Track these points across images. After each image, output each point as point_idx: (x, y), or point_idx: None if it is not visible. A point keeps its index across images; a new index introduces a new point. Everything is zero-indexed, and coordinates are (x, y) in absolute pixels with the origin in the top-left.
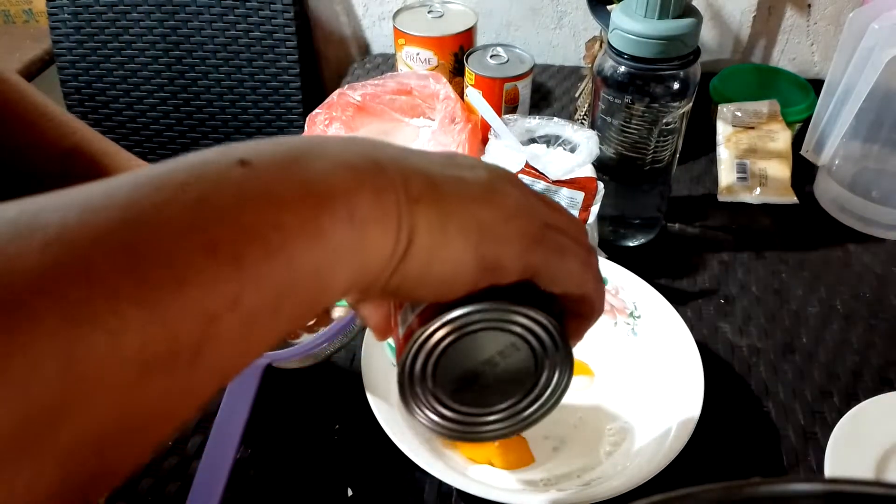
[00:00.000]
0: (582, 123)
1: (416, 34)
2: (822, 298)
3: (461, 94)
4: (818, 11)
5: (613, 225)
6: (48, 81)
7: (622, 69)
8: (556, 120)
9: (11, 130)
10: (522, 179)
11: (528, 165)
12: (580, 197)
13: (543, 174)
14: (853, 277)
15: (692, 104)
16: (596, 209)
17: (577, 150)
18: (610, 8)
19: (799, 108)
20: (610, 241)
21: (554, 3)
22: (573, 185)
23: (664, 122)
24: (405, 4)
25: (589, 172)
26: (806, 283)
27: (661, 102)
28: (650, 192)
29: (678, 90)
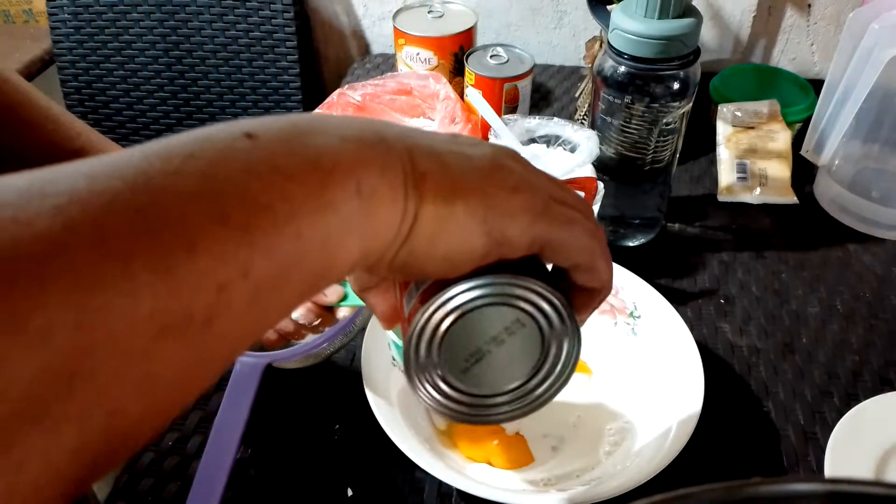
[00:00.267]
0: (582, 123)
1: (416, 34)
2: (822, 298)
3: (461, 94)
4: (818, 11)
5: (613, 225)
6: (48, 81)
7: (622, 69)
8: (556, 120)
9: (16, 133)
10: None
11: None
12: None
13: None
14: (853, 277)
15: (692, 104)
16: (596, 209)
17: (577, 150)
18: (610, 8)
19: (799, 108)
20: (610, 241)
21: (554, 3)
22: (573, 185)
23: (664, 122)
24: (405, 4)
25: (589, 172)
26: (806, 283)
27: (661, 102)
28: (650, 192)
29: (678, 90)
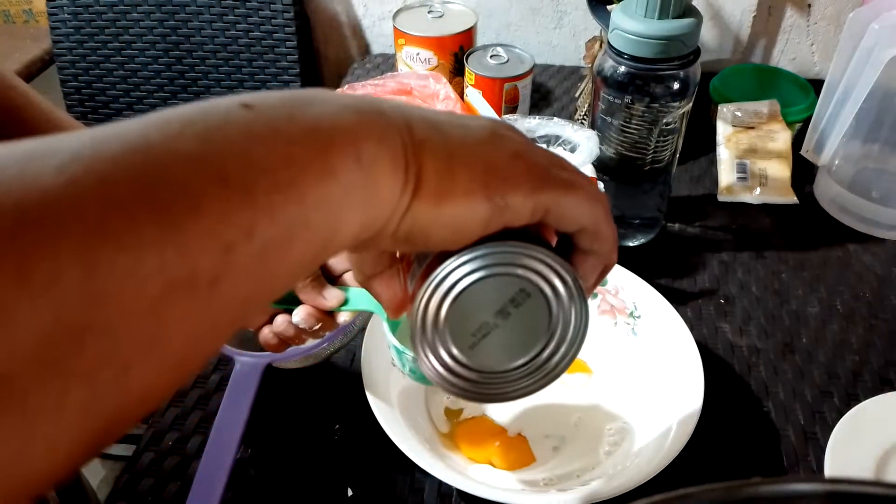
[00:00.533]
0: (582, 123)
1: (416, 34)
2: (822, 298)
3: (461, 94)
4: (818, 11)
5: None
6: (48, 81)
7: (622, 69)
8: (556, 120)
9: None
10: None
11: None
12: None
13: None
14: (853, 277)
15: (692, 104)
16: None
17: (577, 150)
18: (610, 8)
19: (799, 108)
20: None
21: (554, 3)
22: None
23: (664, 122)
24: (405, 4)
25: (589, 172)
26: (806, 283)
27: (661, 102)
28: (650, 192)
29: (678, 90)
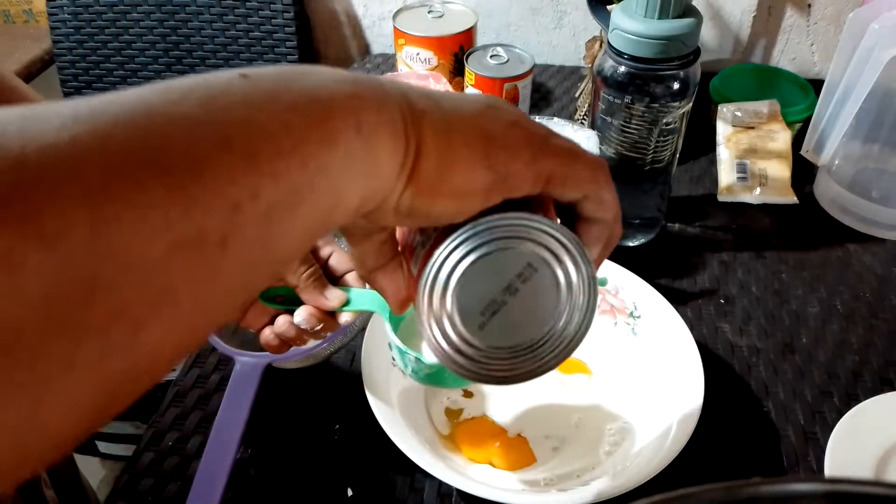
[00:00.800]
0: (582, 123)
1: (416, 34)
2: (822, 298)
3: None
4: (818, 11)
5: None
6: (48, 81)
7: (622, 69)
8: (556, 120)
9: None
10: None
11: None
12: None
13: None
14: (853, 277)
15: (692, 104)
16: None
17: None
18: (610, 8)
19: (799, 108)
20: None
21: (554, 3)
22: None
23: (664, 122)
24: (405, 4)
25: None
26: (806, 283)
27: (661, 102)
28: (650, 192)
29: (678, 90)
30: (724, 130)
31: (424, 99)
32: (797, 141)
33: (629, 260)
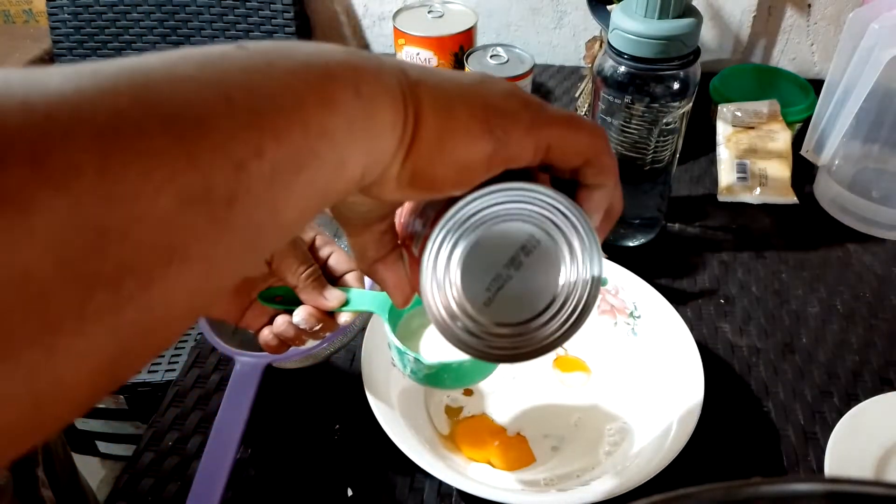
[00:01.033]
0: None
1: (416, 34)
2: (822, 298)
3: None
4: (818, 11)
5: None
6: None
7: (622, 69)
8: None
9: None
10: None
11: None
12: None
13: None
14: (853, 277)
15: (692, 104)
16: None
17: None
18: (610, 8)
19: (799, 108)
20: (610, 241)
21: (554, 3)
22: None
23: (664, 122)
24: (405, 4)
25: None
26: (806, 283)
27: (661, 102)
28: (650, 192)
29: (678, 90)
30: (724, 130)
31: (420, 71)
32: (797, 141)
33: (629, 260)
